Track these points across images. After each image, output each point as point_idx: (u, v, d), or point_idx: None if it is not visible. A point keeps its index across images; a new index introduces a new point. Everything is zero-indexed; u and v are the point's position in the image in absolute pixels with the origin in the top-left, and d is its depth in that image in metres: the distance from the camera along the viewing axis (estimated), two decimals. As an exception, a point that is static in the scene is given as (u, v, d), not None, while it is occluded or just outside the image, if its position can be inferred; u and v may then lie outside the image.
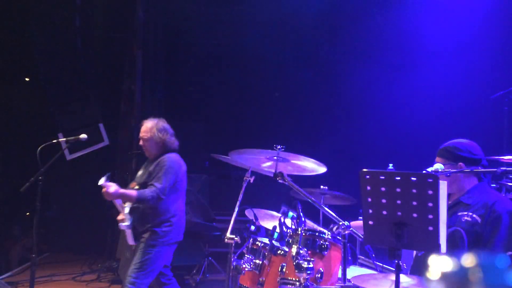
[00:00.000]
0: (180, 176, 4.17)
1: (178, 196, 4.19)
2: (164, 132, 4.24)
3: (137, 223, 4.09)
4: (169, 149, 4.25)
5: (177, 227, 4.15)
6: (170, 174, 4.06)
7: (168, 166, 4.08)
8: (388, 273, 2.71)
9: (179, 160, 4.26)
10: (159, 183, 3.98)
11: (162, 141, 4.21)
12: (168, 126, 4.34)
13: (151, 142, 4.21)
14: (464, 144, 2.88)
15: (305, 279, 2.92)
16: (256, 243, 3.39)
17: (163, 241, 4.05)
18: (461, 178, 2.84)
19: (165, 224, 4.07)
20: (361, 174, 2.27)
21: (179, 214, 4.19)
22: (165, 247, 4.08)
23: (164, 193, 3.98)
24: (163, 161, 4.11)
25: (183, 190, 4.26)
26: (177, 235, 4.18)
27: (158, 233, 4.03)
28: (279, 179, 3.17)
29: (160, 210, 4.06)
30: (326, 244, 3.12)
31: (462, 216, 2.76)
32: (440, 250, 2.14)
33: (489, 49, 6.08)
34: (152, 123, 4.27)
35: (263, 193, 6.76)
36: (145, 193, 3.94)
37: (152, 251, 4.01)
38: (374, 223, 2.29)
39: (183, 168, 4.24)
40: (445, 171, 2.76)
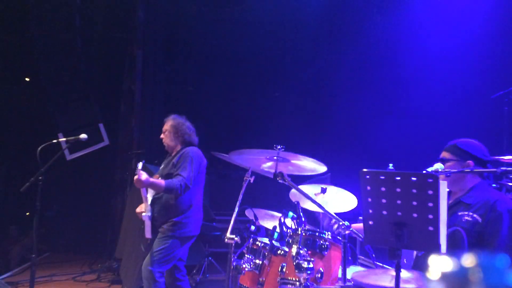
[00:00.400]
0: (202, 168, 4.28)
1: (198, 189, 4.27)
2: (185, 128, 4.40)
3: (157, 214, 4.13)
4: (192, 143, 4.39)
5: (195, 220, 4.21)
6: (195, 164, 4.16)
7: (192, 156, 4.18)
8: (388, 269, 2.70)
9: (201, 152, 4.37)
10: (186, 172, 4.07)
11: (182, 138, 4.36)
12: (188, 124, 4.48)
13: (171, 137, 4.38)
14: (475, 144, 2.90)
15: (305, 279, 2.92)
16: (256, 243, 3.39)
17: (181, 232, 4.10)
18: (465, 177, 2.85)
19: (184, 215, 4.12)
20: (361, 174, 2.27)
21: (197, 207, 4.25)
22: (183, 238, 4.13)
23: (190, 182, 4.07)
24: (187, 152, 4.22)
25: (202, 184, 4.34)
26: (195, 228, 4.22)
27: (177, 224, 4.09)
28: (279, 179, 3.17)
29: (181, 202, 4.12)
30: (326, 244, 3.12)
31: (463, 216, 2.76)
32: (440, 250, 2.14)
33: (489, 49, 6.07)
34: (175, 117, 4.49)
35: (263, 193, 6.76)
36: (173, 182, 4.01)
37: (169, 240, 4.06)
38: (374, 223, 2.29)
39: (204, 160, 4.36)
40: (445, 171, 2.76)
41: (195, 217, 4.22)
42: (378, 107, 7.29)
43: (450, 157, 2.85)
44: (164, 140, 4.45)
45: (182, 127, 4.42)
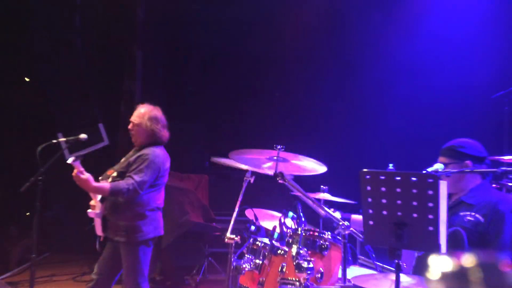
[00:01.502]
0: (162, 172, 3.92)
1: (156, 190, 3.93)
2: (155, 122, 3.99)
3: (108, 212, 3.86)
4: (157, 141, 4.00)
5: (153, 220, 3.89)
6: (152, 169, 3.79)
7: (151, 160, 3.81)
8: (388, 273, 2.71)
9: (164, 155, 3.98)
10: (139, 176, 3.72)
11: (151, 131, 3.95)
12: (161, 116, 4.07)
13: (139, 129, 3.98)
14: (469, 142, 2.89)
15: (305, 279, 2.92)
16: (256, 243, 3.38)
17: (142, 237, 3.81)
18: (465, 177, 2.84)
19: (139, 218, 3.81)
20: (361, 174, 2.27)
21: (153, 207, 3.92)
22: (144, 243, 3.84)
23: (142, 188, 3.73)
24: (146, 154, 3.85)
25: (162, 185, 4.00)
26: (156, 228, 3.93)
27: (134, 228, 3.79)
28: (279, 179, 3.17)
29: (134, 203, 3.80)
30: (326, 244, 3.12)
31: (465, 216, 2.76)
32: (440, 250, 2.14)
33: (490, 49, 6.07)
34: (146, 109, 4.05)
35: (263, 193, 6.76)
36: (119, 185, 3.68)
37: (136, 251, 3.80)
38: (374, 223, 2.29)
39: (166, 164, 3.98)
40: (445, 171, 2.76)
41: (152, 218, 3.88)
42: (378, 107, 7.29)
43: (447, 160, 2.85)
44: (133, 134, 4.04)
45: (154, 121, 3.99)
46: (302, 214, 3.30)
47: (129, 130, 4.06)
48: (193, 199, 5.59)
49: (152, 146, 3.94)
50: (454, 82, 6.37)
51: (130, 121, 4.07)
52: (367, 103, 7.46)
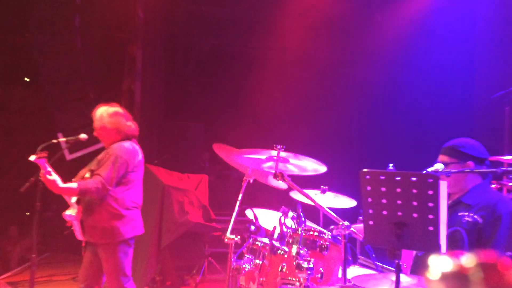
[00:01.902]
0: (132, 167, 3.77)
1: (130, 187, 3.81)
2: (117, 117, 3.87)
3: (84, 215, 3.75)
4: (126, 136, 3.87)
5: (130, 219, 3.79)
6: (119, 164, 3.67)
7: (117, 155, 3.69)
8: (388, 273, 2.70)
9: (133, 148, 3.84)
10: (105, 172, 3.62)
11: (117, 128, 3.84)
12: (122, 111, 3.95)
13: (104, 131, 3.86)
14: (471, 143, 2.88)
15: (305, 279, 2.92)
16: (256, 243, 3.38)
17: (117, 237, 3.71)
18: (466, 177, 2.83)
19: (115, 218, 3.70)
20: (361, 174, 2.27)
21: (130, 206, 3.81)
22: (122, 243, 3.75)
23: (110, 183, 3.62)
24: (112, 148, 3.75)
25: (137, 181, 3.88)
26: (134, 228, 3.82)
27: (109, 229, 3.69)
28: (279, 179, 3.16)
29: (108, 202, 3.70)
30: (326, 244, 3.12)
31: (463, 217, 2.75)
32: (440, 250, 2.14)
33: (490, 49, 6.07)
34: (102, 109, 3.92)
35: (263, 193, 6.76)
36: (88, 184, 3.58)
37: (116, 250, 3.70)
38: (375, 223, 2.28)
39: (137, 157, 3.83)
40: (445, 171, 2.75)
41: (129, 217, 3.78)
42: (379, 107, 7.30)
43: (449, 160, 2.83)
44: (101, 138, 3.95)
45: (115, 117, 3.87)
46: (302, 214, 3.29)
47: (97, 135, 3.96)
48: (193, 199, 5.58)
49: (120, 141, 3.83)
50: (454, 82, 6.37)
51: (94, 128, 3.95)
52: (367, 103, 7.46)
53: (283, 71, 8.64)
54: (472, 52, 6.20)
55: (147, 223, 5.40)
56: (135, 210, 3.88)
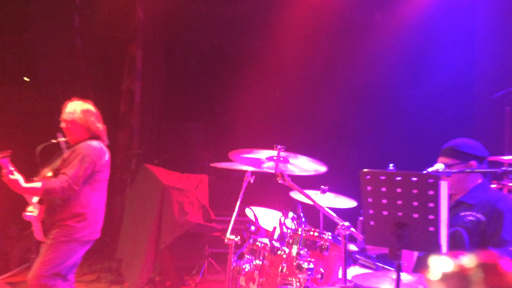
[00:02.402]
0: (99, 167, 3.71)
1: (96, 189, 3.73)
2: (89, 115, 3.81)
3: (46, 214, 3.68)
4: (94, 135, 3.81)
5: (92, 222, 3.70)
6: (87, 163, 3.59)
7: (84, 154, 3.61)
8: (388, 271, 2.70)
9: (100, 148, 3.78)
10: (72, 171, 3.52)
11: (86, 124, 3.78)
12: (93, 110, 3.89)
13: (73, 126, 3.78)
14: (470, 142, 2.88)
15: (305, 279, 2.91)
16: (256, 243, 3.38)
17: (74, 237, 3.60)
18: (468, 178, 2.84)
19: (78, 219, 3.61)
20: (361, 174, 2.26)
21: (96, 208, 3.74)
22: (77, 244, 3.63)
23: (77, 183, 3.53)
24: (80, 148, 3.67)
25: (102, 182, 3.81)
26: (92, 232, 3.72)
27: (69, 228, 3.58)
28: (279, 179, 3.16)
29: (72, 202, 3.62)
30: (326, 245, 3.11)
31: (465, 216, 2.76)
32: (441, 251, 2.13)
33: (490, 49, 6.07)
34: (76, 104, 3.84)
35: (263, 193, 6.75)
36: (53, 183, 3.49)
37: (61, 248, 3.57)
38: (375, 223, 2.28)
39: (104, 157, 3.77)
40: (446, 171, 2.75)
41: (92, 220, 3.70)
42: (379, 107, 7.29)
43: (451, 161, 2.81)
44: (66, 127, 3.84)
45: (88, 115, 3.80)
46: (302, 214, 3.29)
47: (63, 130, 3.87)
48: (193, 199, 5.58)
49: (87, 140, 3.76)
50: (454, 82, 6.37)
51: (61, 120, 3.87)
52: (367, 103, 7.45)
53: (283, 71, 8.63)
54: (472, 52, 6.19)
55: (146, 223, 5.42)
56: (99, 213, 3.80)
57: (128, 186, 6.76)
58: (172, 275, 5.96)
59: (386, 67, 7.25)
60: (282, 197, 5.89)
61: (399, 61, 7.10)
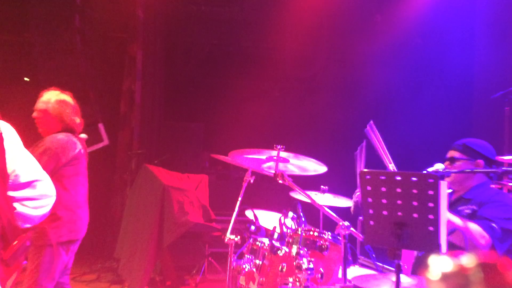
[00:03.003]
0: (65, 160, 3.35)
1: (66, 185, 3.41)
2: (64, 106, 3.52)
3: None
4: (67, 128, 3.50)
5: (68, 221, 3.40)
6: (47, 157, 3.25)
7: (46, 147, 3.30)
8: (388, 273, 2.70)
9: (67, 141, 3.42)
10: None
11: (60, 117, 3.48)
12: (71, 102, 3.59)
13: (46, 116, 3.48)
14: (484, 143, 2.94)
15: (305, 279, 2.92)
16: (256, 243, 3.38)
17: (51, 239, 3.31)
18: (472, 176, 2.88)
19: (50, 219, 3.16)
20: (361, 174, 2.27)
21: (70, 206, 3.43)
22: (58, 247, 3.36)
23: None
24: (43, 141, 3.37)
25: (74, 177, 3.46)
26: (72, 230, 3.43)
27: (43, 230, 3.28)
28: (279, 179, 3.16)
29: None
30: (326, 244, 3.11)
31: (463, 210, 2.80)
32: (440, 250, 2.14)
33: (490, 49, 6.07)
34: (52, 93, 3.57)
35: (263, 193, 6.76)
36: None
37: (41, 254, 3.30)
38: (375, 223, 2.28)
39: (71, 150, 3.41)
40: (445, 171, 2.77)
41: (68, 218, 3.40)
42: (378, 107, 7.29)
43: (460, 156, 2.87)
44: (37, 117, 3.53)
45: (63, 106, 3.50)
46: (302, 214, 3.29)
47: (34, 120, 3.58)
48: (193, 199, 5.58)
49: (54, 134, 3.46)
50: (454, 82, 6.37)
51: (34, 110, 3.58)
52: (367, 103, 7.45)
53: (283, 71, 8.64)
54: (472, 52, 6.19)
55: (146, 223, 5.42)
56: (77, 210, 3.50)
57: (128, 186, 6.76)
58: (172, 275, 5.96)
59: (385, 67, 7.25)
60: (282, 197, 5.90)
61: (399, 61, 7.10)
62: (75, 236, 3.49)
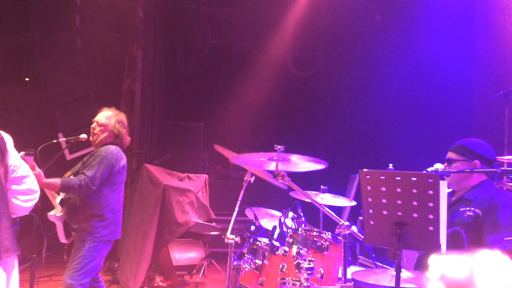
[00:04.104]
0: (117, 169, 3.84)
1: (114, 190, 3.86)
2: (122, 125, 4.02)
3: (67, 216, 3.80)
4: (119, 144, 3.99)
5: (111, 223, 3.83)
6: (104, 165, 3.74)
7: (103, 156, 3.77)
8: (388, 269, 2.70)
9: (118, 152, 3.91)
10: (90, 172, 3.67)
11: (116, 133, 3.98)
12: (126, 121, 4.09)
13: (104, 130, 3.97)
14: (480, 142, 2.93)
15: (305, 279, 2.92)
16: (256, 243, 3.38)
17: (95, 237, 3.73)
18: (469, 176, 2.87)
19: (97, 219, 3.75)
20: (361, 174, 2.27)
21: (114, 209, 3.86)
22: (99, 243, 3.77)
23: (94, 183, 3.66)
24: (99, 151, 3.84)
25: (120, 185, 3.94)
26: (112, 232, 3.85)
27: (89, 228, 3.72)
28: (279, 179, 3.16)
29: (92, 203, 3.74)
30: (326, 244, 3.11)
31: (465, 212, 2.79)
32: (440, 250, 2.14)
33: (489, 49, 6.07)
34: (113, 112, 4.07)
35: (263, 193, 6.76)
36: (71, 181, 3.62)
37: (84, 247, 3.71)
38: (375, 223, 2.28)
39: (121, 161, 3.89)
40: (445, 171, 2.77)
41: (112, 221, 3.83)
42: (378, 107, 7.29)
43: (456, 157, 2.88)
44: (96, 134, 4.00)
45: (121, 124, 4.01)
46: (302, 214, 3.29)
47: (92, 130, 4.02)
48: (193, 199, 5.58)
49: (107, 145, 3.92)
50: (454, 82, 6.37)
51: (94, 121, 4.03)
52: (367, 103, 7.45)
53: (283, 71, 8.64)
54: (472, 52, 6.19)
55: (146, 223, 5.42)
56: (118, 214, 3.91)
57: (128, 186, 6.76)
58: (172, 275, 5.97)
59: (385, 67, 7.26)
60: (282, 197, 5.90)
61: (398, 61, 7.10)
62: (114, 237, 3.89)
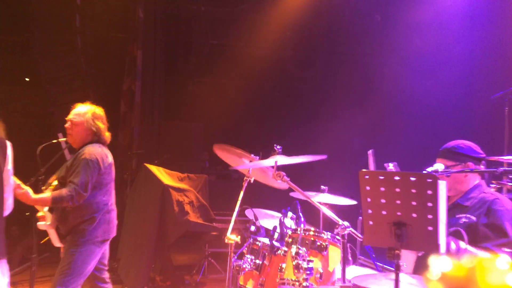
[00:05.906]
0: (103, 169, 3.71)
1: (102, 191, 3.76)
2: (100, 120, 3.86)
3: (59, 221, 3.75)
4: (99, 141, 3.85)
5: (103, 222, 3.76)
6: (91, 168, 3.61)
7: (87, 159, 3.62)
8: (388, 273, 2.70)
9: (102, 151, 3.78)
10: (77, 178, 3.56)
11: (95, 130, 3.81)
12: (103, 117, 3.94)
13: (80, 128, 3.81)
14: (467, 143, 2.91)
15: (304, 279, 2.92)
16: (256, 243, 3.38)
17: (87, 239, 3.67)
18: (465, 179, 2.85)
19: (88, 222, 3.67)
20: (360, 174, 2.27)
21: (104, 209, 3.78)
22: (91, 246, 3.70)
23: (85, 189, 3.57)
24: (81, 153, 3.68)
25: (109, 183, 3.82)
26: (105, 231, 3.79)
27: (80, 232, 3.66)
28: (279, 179, 3.16)
29: (83, 208, 3.67)
30: (325, 244, 3.12)
31: (460, 218, 2.78)
32: (439, 250, 2.14)
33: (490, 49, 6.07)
34: (87, 108, 3.88)
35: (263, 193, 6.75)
36: (61, 193, 3.53)
37: (76, 251, 3.65)
38: (374, 223, 2.29)
39: (106, 160, 3.77)
40: (445, 171, 2.76)
41: (103, 220, 3.75)
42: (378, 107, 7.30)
43: (449, 163, 2.86)
44: (70, 129, 3.84)
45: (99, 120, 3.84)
46: (301, 214, 3.29)
47: (67, 130, 3.89)
48: (193, 199, 5.59)
49: (88, 145, 3.78)
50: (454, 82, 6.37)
51: (67, 121, 3.89)
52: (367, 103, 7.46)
53: (283, 71, 8.64)
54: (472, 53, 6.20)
55: (146, 223, 5.42)
56: (110, 213, 3.85)
57: (129, 186, 6.77)
58: (172, 275, 5.97)
59: (385, 67, 7.26)
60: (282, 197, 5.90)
61: (398, 62, 7.10)
62: (108, 236, 3.83)
